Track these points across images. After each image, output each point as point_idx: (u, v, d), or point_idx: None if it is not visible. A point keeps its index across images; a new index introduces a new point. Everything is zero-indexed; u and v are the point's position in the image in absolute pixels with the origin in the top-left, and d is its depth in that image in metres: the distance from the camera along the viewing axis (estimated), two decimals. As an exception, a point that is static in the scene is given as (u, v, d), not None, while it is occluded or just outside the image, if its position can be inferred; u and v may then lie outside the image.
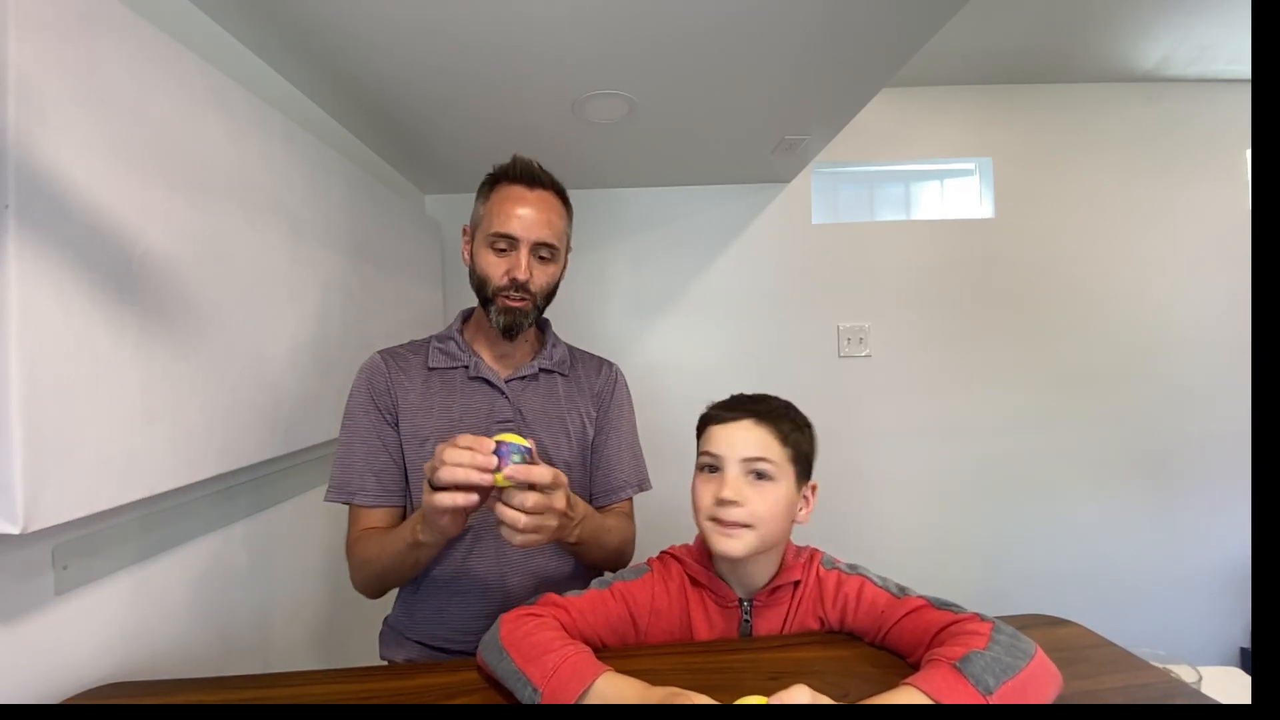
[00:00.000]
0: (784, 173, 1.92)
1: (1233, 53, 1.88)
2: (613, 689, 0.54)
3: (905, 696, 0.51)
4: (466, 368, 0.89)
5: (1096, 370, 2.03)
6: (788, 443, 0.69)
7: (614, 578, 0.73)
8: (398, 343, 0.95)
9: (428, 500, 0.64)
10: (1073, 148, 2.04)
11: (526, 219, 0.84)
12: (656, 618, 0.72)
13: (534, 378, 0.91)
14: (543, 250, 0.86)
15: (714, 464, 0.69)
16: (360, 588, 0.85)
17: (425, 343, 0.93)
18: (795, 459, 0.70)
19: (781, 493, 0.68)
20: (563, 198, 0.90)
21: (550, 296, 0.91)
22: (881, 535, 2.03)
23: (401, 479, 0.87)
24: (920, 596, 0.66)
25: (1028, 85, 2.04)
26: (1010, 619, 0.63)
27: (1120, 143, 2.04)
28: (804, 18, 1.01)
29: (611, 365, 1.01)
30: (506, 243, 0.84)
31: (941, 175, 2.16)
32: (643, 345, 2.03)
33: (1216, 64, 1.94)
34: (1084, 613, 0.87)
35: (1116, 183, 2.04)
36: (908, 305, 2.03)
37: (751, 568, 0.70)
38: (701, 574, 0.73)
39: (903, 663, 0.64)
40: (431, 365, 0.89)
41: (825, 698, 0.50)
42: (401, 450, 0.86)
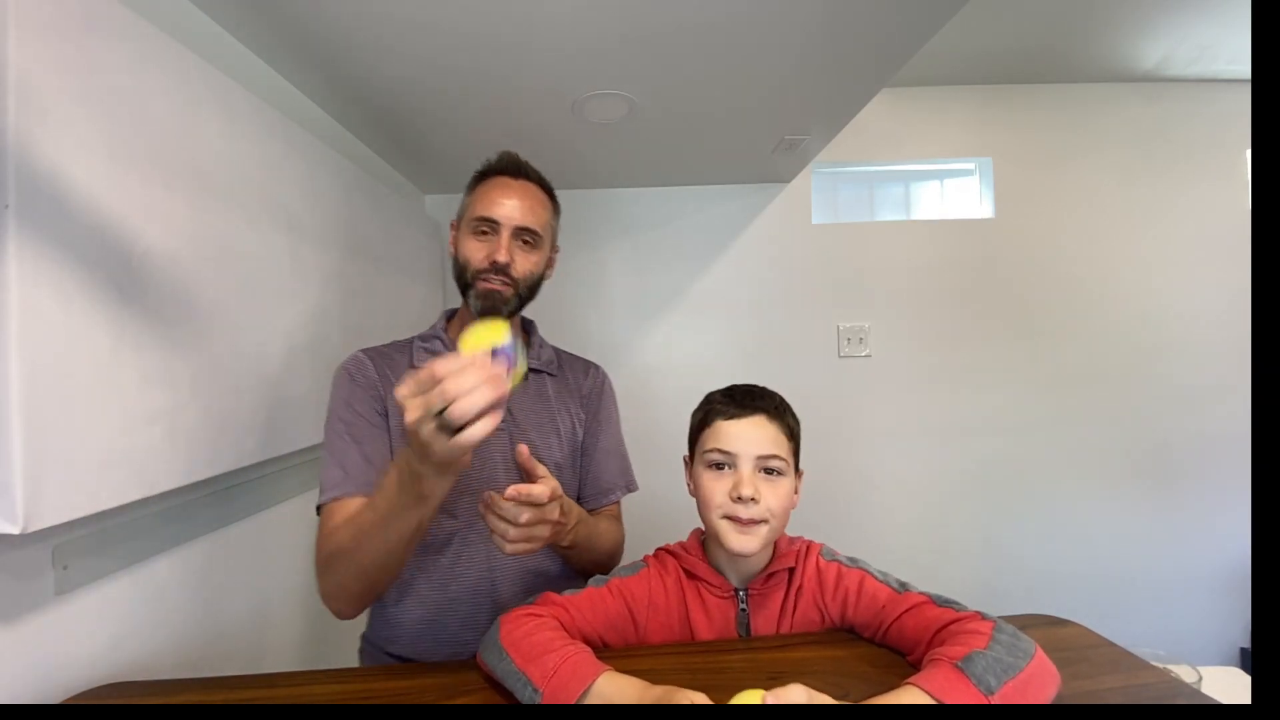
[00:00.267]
0: (784, 173, 1.92)
1: (1233, 53, 1.88)
2: (613, 689, 0.54)
3: (907, 696, 0.52)
4: None
5: (1096, 370, 2.03)
6: (792, 437, 0.72)
7: (611, 575, 0.74)
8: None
9: (448, 446, 0.52)
10: (1073, 148, 2.04)
11: (509, 205, 0.84)
12: (654, 611, 0.72)
13: (523, 377, 0.91)
14: (525, 235, 0.85)
15: (725, 461, 0.70)
16: (336, 595, 0.73)
17: (408, 343, 0.91)
18: (795, 451, 0.72)
19: (789, 486, 0.70)
20: (549, 192, 0.90)
21: (533, 289, 0.89)
22: (881, 534, 2.03)
23: None
24: (921, 593, 0.66)
25: (1028, 85, 2.04)
26: (1010, 619, 0.63)
27: (1120, 142, 2.04)
28: (804, 18, 1.01)
29: (598, 367, 1.00)
30: (489, 226, 0.84)
31: (941, 175, 2.16)
32: (642, 345, 2.03)
33: (1216, 64, 1.94)
34: (1084, 613, 0.87)
35: (1116, 183, 2.04)
36: (908, 305, 2.03)
37: (752, 556, 0.71)
38: (698, 566, 0.73)
39: (902, 663, 0.64)
40: (416, 364, 0.87)
41: (822, 696, 0.50)
42: (391, 449, 0.82)
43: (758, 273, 2.03)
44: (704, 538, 0.75)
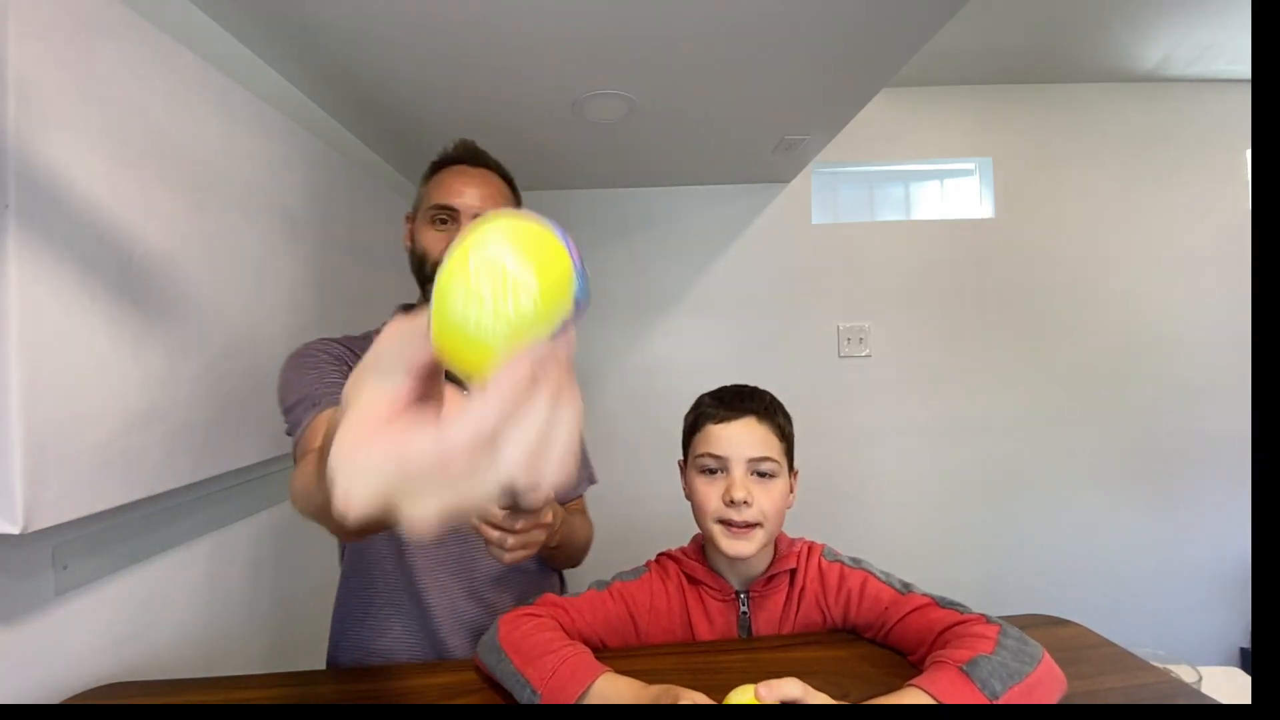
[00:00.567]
0: (784, 173, 1.92)
1: (1233, 53, 1.87)
2: (612, 690, 0.54)
3: (910, 698, 0.51)
4: None
5: (1096, 370, 2.03)
6: (784, 436, 0.71)
7: (613, 578, 0.74)
8: None
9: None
10: (1073, 148, 2.04)
11: (469, 193, 0.81)
12: (656, 616, 0.72)
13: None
14: None
15: (716, 465, 0.69)
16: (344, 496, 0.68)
17: (365, 337, 0.88)
18: (788, 451, 0.71)
19: (783, 487, 0.69)
20: (509, 182, 0.88)
21: None
22: (881, 535, 2.03)
23: None
24: (924, 594, 0.65)
25: (1028, 85, 2.03)
26: (1011, 619, 0.63)
27: (1120, 143, 2.04)
28: (804, 18, 1.01)
29: None
30: (448, 214, 0.81)
31: (941, 175, 2.15)
32: (643, 345, 2.03)
33: (1216, 64, 1.94)
34: (1084, 613, 0.87)
35: (1116, 183, 2.04)
36: (908, 305, 2.03)
37: (750, 559, 0.71)
38: (698, 570, 0.73)
39: (904, 663, 0.64)
40: None
41: (819, 695, 0.50)
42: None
43: (757, 273, 2.03)
44: (704, 542, 0.75)
